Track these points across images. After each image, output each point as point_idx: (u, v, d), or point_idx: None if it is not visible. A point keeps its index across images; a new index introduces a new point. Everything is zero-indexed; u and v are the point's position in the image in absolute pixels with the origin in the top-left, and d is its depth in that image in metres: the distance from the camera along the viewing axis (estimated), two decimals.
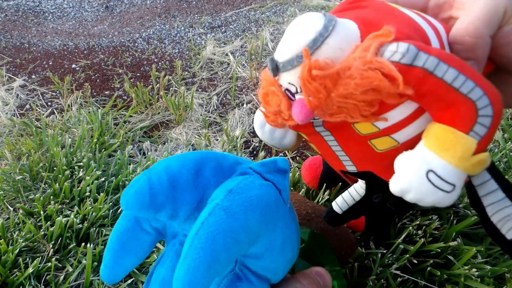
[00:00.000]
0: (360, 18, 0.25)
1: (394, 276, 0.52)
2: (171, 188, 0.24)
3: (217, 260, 0.20)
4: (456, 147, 0.22)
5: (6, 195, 0.70)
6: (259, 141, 0.90)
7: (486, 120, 0.22)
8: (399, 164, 0.25)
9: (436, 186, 0.23)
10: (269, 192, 0.24)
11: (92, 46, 1.39)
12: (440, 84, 0.21)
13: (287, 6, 1.66)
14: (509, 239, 0.27)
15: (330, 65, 0.23)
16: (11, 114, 1.02)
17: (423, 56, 0.21)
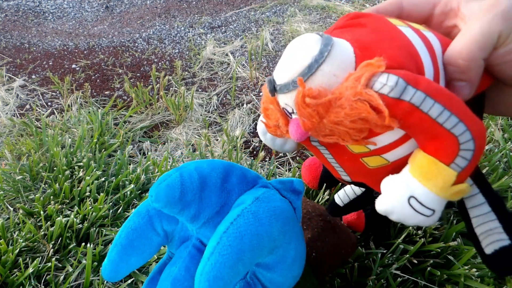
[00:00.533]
0: (357, 40, 0.25)
1: (394, 276, 0.52)
2: (200, 188, 0.25)
3: (242, 259, 0.21)
4: (437, 177, 0.24)
5: (6, 195, 0.70)
6: (259, 141, 0.90)
7: (468, 153, 0.23)
8: (385, 186, 0.27)
9: (417, 211, 0.25)
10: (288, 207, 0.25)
11: (92, 46, 1.39)
12: (425, 118, 0.22)
13: (287, 6, 1.66)
14: (487, 254, 0.29)
15: (323, 94, 0.24)
16: (11, 114, 1.02)
17: (411, 90, 0.22)
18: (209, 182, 0.25)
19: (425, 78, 0.23)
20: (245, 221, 0.22)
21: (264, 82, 1.13)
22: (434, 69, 0.25)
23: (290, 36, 1.38)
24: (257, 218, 0.22)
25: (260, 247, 0.22)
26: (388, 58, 0.23)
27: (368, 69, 0.23)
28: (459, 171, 0.23)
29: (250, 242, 0.21)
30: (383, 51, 0.24)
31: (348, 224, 0.55)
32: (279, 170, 0.80)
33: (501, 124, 0.81)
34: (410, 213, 0.25)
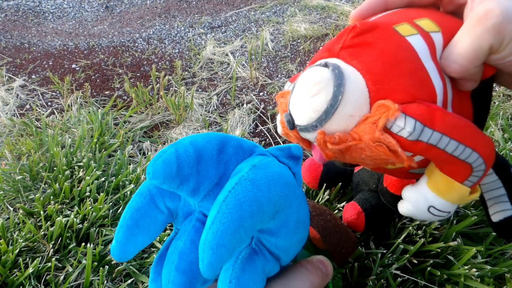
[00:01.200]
0: (368, 71, 0.25)
1: (394, 276, 0.52)
2: (197, 161, 0.25)
3: (242, 226, 0.21)
4: (452, 192, 0.27)
5: (6, 195, 0.70)
6: (259, 141, 0.90)
7: (479, 173, 0.26)
8: (406, 196, 0.30)
9: (436, 215, 0.29)
10: (287, 172, 0.26)
11: (92, 46, 1.39)
12: (441, 153, 0.25)
13: (287, 6, 1.66)
14: (494, 221, 0.32)
15: (343, 139, 0.26)
16: (11, 114, 1.02)
17: (428, 132, 0.24)
18: (204, 155, 0.25)
19: (439, 113, 0.24)
20: (243, 188, 0.22)
21: (265, 82, 1.13)
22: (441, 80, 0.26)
23: (290, 36, 1.38)
24: (255, 185, 0.23)
25: (260, 212, 0.22)
26: (401, 92, 0.25)
27: (383, 113, 0.24)
28: (471, 185, 0.27)
29: (249, 208, 0.22)
30: (395, 84, 0.25)
31: (348, 224, 0.55)
32: None
33: (501, 124, 0.81)
34: (429, 217, 0.29)
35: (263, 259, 0.26)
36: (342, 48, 0.27)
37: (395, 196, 0.52)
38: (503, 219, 0.32)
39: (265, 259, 0.26)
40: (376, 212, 0.54)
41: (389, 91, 0.25)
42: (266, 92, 1.09)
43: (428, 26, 0.27)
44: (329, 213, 0.49)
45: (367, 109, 0.25)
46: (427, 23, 0.27)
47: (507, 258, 0.55)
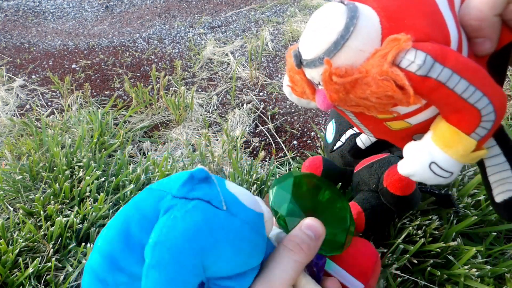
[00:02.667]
0: (384, 8, 0.25)
1: (394, 276, 0.52)
2: (112, 265, 0.25)
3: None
4: (458, 146, 0.25)
5: (6, 195, 0.70)
6: (259, 141, 0.90)
7: (488, 124, 0.25)
8: (407, 152, 0.29)
9: (437, 174, 0.27)
10: (194, 218, 0.24)
11: (92, 46, 1.39)
12: (450, 94, 0.23)
13: (287, 6, 1.66)
14: (497, 202, 0.31)
15: (350, 72, 0.24)
16: (11, 114, 1.02)
17: (438, 67, 0.23)
18: (114, 254, 0.25)
19: (452, 52, 0.24)
20: (152, 281, 0.22)
21: (265, 82, 1.13)
22: (458, 30, 0.25)
23: (290, 36, 1.38)
24: (161, 269, 0.22)
25: (182, 284, 0.23)
26: (415, 30, 0.24)
27: (394, 46, 0.23)
28: (479, 139, 0.25)
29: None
30: (410, 22, 0.24)
31: None
32: (279, 170, 0.80)
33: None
34: (430, 176, 0.27)
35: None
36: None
37: (395, 196, 0.52)
38: (507, 199, 0.31)
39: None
40: (376, 212, 0.54)
41: (403, 29, 0.24)
42: (266, 92, 1.09)
43: None
44: None
45: (378, 45, 0.24)
46: None
47: (507, 258, 0.56)
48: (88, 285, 0.25)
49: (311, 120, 0.96)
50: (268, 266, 0.27)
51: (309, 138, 0.90)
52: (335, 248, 0.33)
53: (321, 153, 0.82)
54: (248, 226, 0.26)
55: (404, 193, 0.51)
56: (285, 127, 0.94)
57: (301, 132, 0.92)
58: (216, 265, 0.24)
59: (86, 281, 0.25)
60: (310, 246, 0.28)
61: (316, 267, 0.31)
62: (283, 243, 0.28)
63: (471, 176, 0.66)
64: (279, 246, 0.28)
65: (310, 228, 0.29)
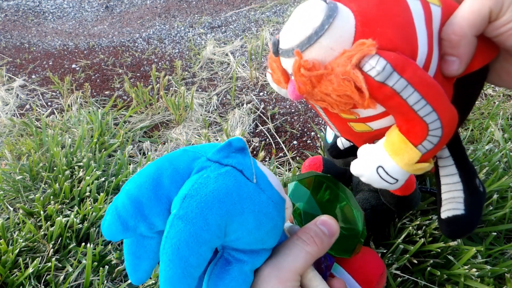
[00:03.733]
0: (361, 13, 0.26)
1: (394, 276, 0.52)
2: (136, 210, 0.25)
3: (188, 264, 0.22)
4: (404, 154, 0.27)
5: (6, 195, 0.70)
6: (259, 141, 0.90)
7: (435, 139, 0.26)
8: (361, 153, 0.31)
9: (383, 178, 0.29)
10: (226, 181, 0.25)
11: (92, 46, 1.39)
12: (403, 104, 0.25)
13: (287, 6, 1.66)
14: (441, 218, 0.33)
15: (317, 67, 0.26)
16: (11, 114, 1.02)
17: (395, 77, 0.24)
18: (142, 200, 0.25)
19: (412, 65, 0.25)
20: (176, 230, 0.22)
21: (265, 82, 1.13)
22: (428, 47, 0.27)
23: None
24: (187, 221, 0.23)
25: (202, 243, 0.23)
26: (385, 38, 0.25)
27: (360, 50, 0.24)
28: (424, 152, 0.27)
29: (187, 247, 0.22)
30: (382, 30, 0.25)
31: None
32: (279, 170, 0.80)
33: (501, 124, 0.81)
34: (376, 179, 0.29)
35: (238, 264, 0.26)
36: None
37: (395, 196, 0.52)
38: (451, 216, 0.32)
39: (241, 262, 0.26)
40: (376, 212, 0.54)
41: (374, 35, 0.25)
42: (266, 92, 1.09)
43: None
44: None
45: (348, 47, 0.25)
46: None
47: (507, 258, 0.56)
48: (109, 224, 0.25)
49: (311, 120, 0.96)
50: (279, 253, 0.28)
51: (309, 138, 0.90)
52: (345, 251, 0.34)
53: (321, 153, 0.82)
54: (273, 204, 0.27)
55: (404, 193, 0.51)
56: (285, 127, 0.94)
57: (301, 132, 0.92)
58: (236, 233, 0.25)
59: (107, 220, 0.25)
60: (323, 241, 0.28)
61: (324, 266, 0.32)
62: (297, 234, 0.29)
63: None
64: (293, 236, 0.29)
65: (325, 224, 0.29)
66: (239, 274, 0.25)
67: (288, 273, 0.26)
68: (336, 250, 0.33)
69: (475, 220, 0.33)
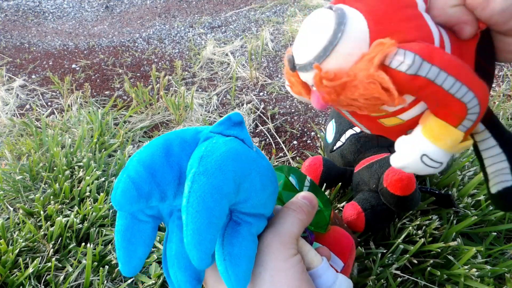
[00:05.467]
0: (370, 12, 0.26)
1: (394, 276, 0.52)
2: (151, 176, 0.26)
3: (213, 216, 0.23)
4: (446, 138, 0.27)
5: (6, 195, 0.70)
6: (259, 141, 0.90)
7: (474, 116, 0.27)
8: (399, 146, 0.31)
9: (428, 165, 0.29)
10: (234, 145, 0.28)
11: (92, 46, 1.39)
12: (439, 90, 0.25)
13: (287, 6, 1.66)
14: (492, 193, 0.33)
15: (339, 76, 0.26)
16: (11, 114, 1.02)
17: (426, 66, 0.24)
18: (155, 166, 0.26)
19: (437, 50, 0.25)
20: (200, 184, 0.24)
21: (265, 82, 1.13)
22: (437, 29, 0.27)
23: (290, 36, 1.38)
24: (209, 175, 0.24)
25: (224, 196, 0.24)
26: (401, 32, 0.25)
27: (381, 50, 0.24)
28: (465, 131, 0.27)
29: (212, 198, 0.24)
30: (396, 25, 0.25)
31: (348, 224, 0.55)
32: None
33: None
34: (422, 168, 0.29)
35: (246, 225, 0.28)
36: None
37: (395, 196, 0.52)
38: (501, 190, 0.32)
39: (248, 224, 0.28)
40: (376, 212, 0.54)
41: (390, 32, 0.25)
42: (266, 92, 1.09)
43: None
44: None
45: (366, 49, 0.26)
46: None
47: (507, 258, 0.56)
48: (122, 191, 0.25)
49: (311, 120, 0.96)
50: (276, 221, 0.31)
51: (309, 138, 0.90)
52: (320, 226, 0.38)
53: (321, 153, 0.82)
54: (272, 170, 0.30)
55: (404, 193, 0.51)
56: (285, 127, 0.94)
57: (301, 132, 0.92)
58: (246, 192, 0.27)
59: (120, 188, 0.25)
60: (309, 210, 0.32)
61: (309, 240, 0.35)
62: (286, 206, 0.32)
63: (471, 176, 0.66)
64: (283, 209, 0.32)
65: (306, 198, 0.33)
66: (248, 234, 0.28)
67: (289, 238, 0.29)
68: (314, 225, 0.38)
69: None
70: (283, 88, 1.11)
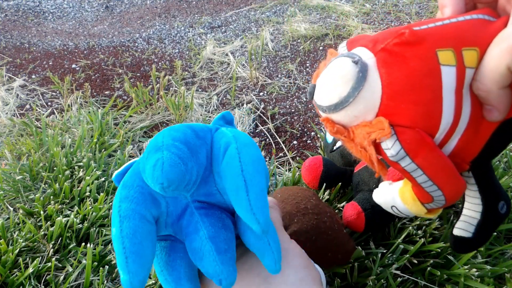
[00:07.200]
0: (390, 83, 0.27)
1: (394, 276, 0.52)
2: (191, 154, 0.26)
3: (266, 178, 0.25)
4: (412, 206, 0.32)
5: (6, 195, 0.70)
6: (259, 141, 0.90)
7: (439, 204, 0.31)
8: (381, 189, 0.37)
9: (395, 212, 0.36)
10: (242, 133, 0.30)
11: (92, 46, 1.39)
12: (412, 179, 0.29)
13: (287, 6, 1.66)
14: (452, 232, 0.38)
15: (340, 132, 0.29)
16: (11, 114, 1.02)
17: (407, 161, 0.27)
18: (190, 144, 0.26)
19: (426, 148, 0.27)
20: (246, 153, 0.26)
21: (265, 82, 1.13)
22: (455, 114, 0.28)
23: (290, 36, 1.38)
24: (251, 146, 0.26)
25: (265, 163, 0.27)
26: (407, 116, 0.27)
27: (379, 129, 0.27)
28: (429, 208, 0.32)
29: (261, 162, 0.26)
30: (405, 107, 0.27)
31: (348, 224, 0.55)
32: (279, 170, 0.80)
33: None
34: (390, 211, 0.37)
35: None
36: (382, 49, 0.28)
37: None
38: (459, 236, 0.37)
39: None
40: (376, 212, 0.54)
41: (397, 111, 0.27)
42: (266, 92, 1.09)
43: (470, 60, 0.27)
44: (329, 215, 0.49)
45: (371, 117, 0.28)
46: (472, 55, 0.27)
47: (507, 258, 0.55)
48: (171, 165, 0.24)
49: (311, 120, 0.96)
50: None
51: (309, 138, 0.90)
52: None
53: (321, 153, 0.82)
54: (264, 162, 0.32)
55: None
56: (285, 127, 0.94)
57: (301, 132, 0.92)
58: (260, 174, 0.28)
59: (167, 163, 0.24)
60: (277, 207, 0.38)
61: None
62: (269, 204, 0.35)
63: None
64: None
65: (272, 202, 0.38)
66: None
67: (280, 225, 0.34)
68: None
69: (480, 243, 0.37)
70: (283, 88, 1.11)
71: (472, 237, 0.36)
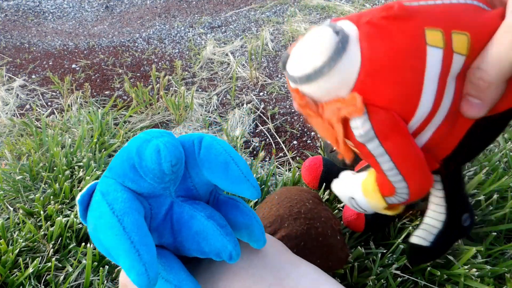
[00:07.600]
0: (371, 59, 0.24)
1: (394, 276, 0.52)
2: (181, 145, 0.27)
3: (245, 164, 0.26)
4: (372, 199, 0.31)
5: (6, 195, 0.70)
6: (259, 141, 0.90)
7: (401, 199, 0.29)
8: (342, 178, 0.35)
9: (353, 206, 0.34)
10: None
11: (92, 46, 1.39)
12: (376, 165, 0.27)
13: (287, 6, 1.66)
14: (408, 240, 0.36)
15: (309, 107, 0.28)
16: (11, 114, 1.02)
17: (375, 143, 0.25)
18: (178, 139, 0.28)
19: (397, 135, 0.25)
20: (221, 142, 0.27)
21: (265, 82, 1.13)
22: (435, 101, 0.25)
23: (290, 36, 1.38)
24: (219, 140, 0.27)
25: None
26: (383, 96, 0.25)
27: (350, 107, 0.25)
28: (391, 203, 0.30)
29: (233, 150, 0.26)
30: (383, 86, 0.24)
31: (348, 224, 0.55)
32: (279, 170, 0.80)
33: None
34: (348, 204, 0.35)
35: None
36: (367, 22, 0.25)
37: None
38: (416, 244, 0.35)
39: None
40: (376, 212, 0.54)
41: (373, 89, 0.24)
42: (266, 92, 1.09)
43: (460, 46, 0.25)
44: (323, 220, 0.47)
45: (345, 93, 0.25)
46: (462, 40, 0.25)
47: (507, 258, 0.55)
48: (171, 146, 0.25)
49: None
50: None
51: (309, 138, 0.90)
52: None
53: (321, 153, 0.82)
54: None
55: None
56: (285, 127, 0.94)
57: (301, 132, 0.92)
58: None
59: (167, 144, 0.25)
60: None
61: None
62: None
63: (471, 176, 0.65)
64: None
65: None
66: None
67: None
68: None
69: (437, 254, 0.35)
70: (283, 88, 1.11)
71: (429, 246, 0.34)
